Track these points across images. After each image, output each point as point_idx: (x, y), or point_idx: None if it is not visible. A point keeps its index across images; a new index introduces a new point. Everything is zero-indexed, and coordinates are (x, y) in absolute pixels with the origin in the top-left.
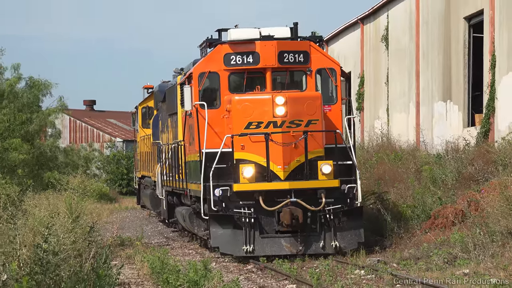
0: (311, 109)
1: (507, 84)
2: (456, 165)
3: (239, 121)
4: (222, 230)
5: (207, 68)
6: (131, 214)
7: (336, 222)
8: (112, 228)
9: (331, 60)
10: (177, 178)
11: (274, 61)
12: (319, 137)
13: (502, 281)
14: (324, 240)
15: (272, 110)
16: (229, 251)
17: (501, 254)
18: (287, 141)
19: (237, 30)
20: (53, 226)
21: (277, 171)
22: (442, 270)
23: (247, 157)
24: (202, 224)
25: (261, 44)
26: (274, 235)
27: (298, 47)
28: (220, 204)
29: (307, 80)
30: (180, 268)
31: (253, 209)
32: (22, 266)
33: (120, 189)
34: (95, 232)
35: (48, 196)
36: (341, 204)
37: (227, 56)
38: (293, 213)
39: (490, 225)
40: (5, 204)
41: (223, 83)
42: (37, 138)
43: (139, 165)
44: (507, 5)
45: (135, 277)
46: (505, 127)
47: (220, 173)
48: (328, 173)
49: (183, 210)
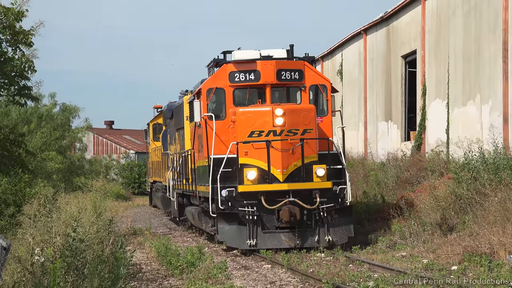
0: (306, 119)
1: (434, 108)
2: (396, 171)
3: (243, 130)
4: (228, 226)
5: (214, 84)
6: (141, 210)
7: (329, 219)
8: (126, 221)
9: (323, 77)
10: (184, 182)
11: (273, 78)
12: (314, 144)
13: (432, 261)
14: (318, 235)
15: (272, 121)
16: (234, 245)
17: (431, 240)
18: (286, 148)
19: (240, 51)
20: (80, 219)
21: (276, 174)
22: (385, 253)
23: (250, 162)
24: (209, 221)
25: (261, 63)
26: (274, 231)
27: (294, 66)
28: (226, 203)
29: (302, 95)
30: (180, 252)
31: (256, 207)
32: (56, 251)
33: (133, 190)
34: (113, 224)
35: (77, 196)
36: (333, 203)
37: (232, 74)
38: (291, 211)
39: (422, 217)
40: (44, 202)
41: (228, 97)
42: (68, 151)
43: (151, 172)
44: (434, 47)
45: (144, 259)
46: (434, 141)
47: (226, 176)
48: (322, 176)
49: (192, 209)
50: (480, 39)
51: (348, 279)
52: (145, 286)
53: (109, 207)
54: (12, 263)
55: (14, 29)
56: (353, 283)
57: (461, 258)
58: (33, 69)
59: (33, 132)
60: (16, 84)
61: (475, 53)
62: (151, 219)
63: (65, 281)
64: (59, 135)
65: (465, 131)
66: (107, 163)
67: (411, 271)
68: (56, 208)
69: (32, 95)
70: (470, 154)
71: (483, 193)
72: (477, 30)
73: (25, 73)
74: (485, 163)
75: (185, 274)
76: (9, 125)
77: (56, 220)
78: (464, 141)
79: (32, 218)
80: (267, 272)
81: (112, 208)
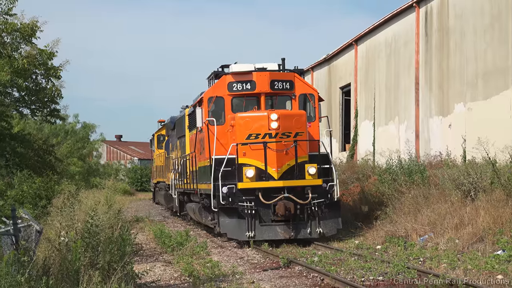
0: (298, 123)
1: (364, 127)
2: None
3: (241, 133)
4: (229, 220)
5: (214, 93)
6: (142, 203)
7: (319, 212)
8: (131, 211)
9: (311, 87)
10: (185, 181)
11: (267, 87)
12: (305, 146)
13: (362, 242)
14: (310, 227)
15: (267, 124)
16: (235, 236)
17: (364, 230)
18: (280, 149)
19: (237, 65)
20: (96, 209)
21: (272, 172)
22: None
23: (248, 162)
24: (209, 215)
25: (257, 74)
26: (271, 224)
27: (285, 77)
28: (227, 199)
29: (292, 103)
30: (171, 234)
31: (254, 202)
32: (77, 233)
33: (136, 188)
34: (121, 213)
35: (93, 192)
36: (323, 199)
37: (230, 84)
38: (286, 205)
39: (356, 210)
40: (68, 197)
41: (227, 105)
42: (87, 158)
43: (155, 174)
44: (364, 81)
45: (145, 240)
46: (363, 151)
47: (226, 174)
48: (313, 174)
49: (193, 205)
50: (398, 75)
51: (299, 256)
52: (145, 260)
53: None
54: (44, 243)
55: (47, 65)
56: (303, 258)
57: (383, 240)
58: (60, 96)
59: (60, 143)
60: (48, 108)
61: (394, 85)
62: (150, 210)
63: (84, 256)
64: (80, 146)
65: (387, 144)
66: (117, 167)
67: (346, 250)
68: (77, 201)
69: (60, 115)
70: (391, 161)
71: (400, 190)
72: (396, 68)
73: (55, 99)
74: (402, 168)
75: (175, 251)
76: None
77: (77, 210)
78: (386, 151)
79: (59, 209)
80: (237, 250)
81: (120, 201)
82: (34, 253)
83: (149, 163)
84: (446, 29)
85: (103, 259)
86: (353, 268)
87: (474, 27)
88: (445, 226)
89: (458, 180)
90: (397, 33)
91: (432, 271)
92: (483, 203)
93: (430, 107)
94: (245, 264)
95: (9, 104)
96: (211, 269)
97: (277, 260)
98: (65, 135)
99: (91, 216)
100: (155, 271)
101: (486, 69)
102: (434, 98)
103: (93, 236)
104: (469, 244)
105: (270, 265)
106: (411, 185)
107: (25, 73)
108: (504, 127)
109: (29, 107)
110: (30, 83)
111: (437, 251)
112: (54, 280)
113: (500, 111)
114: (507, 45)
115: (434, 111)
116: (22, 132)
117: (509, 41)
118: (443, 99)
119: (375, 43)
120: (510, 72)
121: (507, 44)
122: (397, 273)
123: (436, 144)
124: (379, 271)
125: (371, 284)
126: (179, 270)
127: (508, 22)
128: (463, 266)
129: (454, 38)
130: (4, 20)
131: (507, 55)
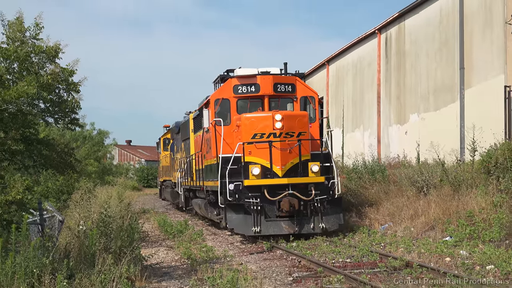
0: (301, 124)
1: (334, 133)
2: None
3: (247, 133)
4: (235, 215)
5: (220, 95)
6: (149, 197)
7: (322, 208)
8: (139, 204)
9: (311, 90)
10: (190, 179)
11: (270, 90)
12: (307, 145)
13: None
14: (313, 222)
15: (272, 124)
16: (241, 231)
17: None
18: (284, 147)
19: (241, 69)
20: (109, 203)
21: (276, 170)
22: None
23: (253, 160)
24: (214, 210)
25: (261, 77)
26: (275, 219)
27: (287, 80)
28: (233, 195)
29: (294, 105)
30: (172, 224)
31: (259, 199)
32: (93, 223)
33: (143, 184)
34: (130, 205)
35: (107, 188)
36: (326, 195)
37: (235, 87)
38: (290, 202)
39: None
40: (85, 192)
41: (232, 106)
42: (102, 159)
43: (162, 174)
44: (335, 95)
45: (150, 228)
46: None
47: (232, 172)
48: (316, 172)
49: (199, 201)
50: (363, 90)
51: (280, 241)
52: (151, 245)
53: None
54: (65, 231)
55: (68, 81)
56: (283, 243)
57: (351, 228)
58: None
59: (79, 147)
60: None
61: (359, 99)
62: (155, 203)
63: (99, 242)
64: (96, 149)
65: (353, 148)
66: (127, 167)
67: (319, 236)
68: (93, 196)
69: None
70: (357, 162)
71: (364, 187)
72: (361, 84)
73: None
74: (366, 168)
75: (176, 238)
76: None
77: (93, 203)
78: (353, 154)
79: (78, 202)
80: (228, 237)
81: (129, 196)
82: (57, 240)
83: (155, 164)
84: (403, 52)
85: (115, 245)
86: (325, 252)
87: (426, 51)
88: (402, 216)
89: (413, 178)
90: (362, 55)
91: (391, 254)
92: (434, 197)
93: (389, 117)
94: (235, 249)
95: (36, 114)
96: (206, 253)
97: (262, 245)
98: (83, 140)
99: (105, 208)
100: (159, 254)
101: (436, 86)
102: (393, 109)
103: (107, 225)
104: (422, 232)
105: (255, 250)
106: (373, 182)
107: (50, 88)
108: (451, 133)
109: (53, 117)
110: (54, 96)
111: (395, 237)
112: (74, 262)
113: (448, 121)
114: (454, 66)
115: (393, 120)
116: (47, 137)
117: (455, 63)
118: (400, 111)
119: (343, 63)
120: (456, 89)
121: (453, 65)
122: (362, 256)
123: (395, 148)
124: (347, 254)
125: (340, 265)
126: (179, 253)
127: (455, 47)
128: (417, 250)
129: (410, 59)
130: (32, 43)
131: (453, 74)
